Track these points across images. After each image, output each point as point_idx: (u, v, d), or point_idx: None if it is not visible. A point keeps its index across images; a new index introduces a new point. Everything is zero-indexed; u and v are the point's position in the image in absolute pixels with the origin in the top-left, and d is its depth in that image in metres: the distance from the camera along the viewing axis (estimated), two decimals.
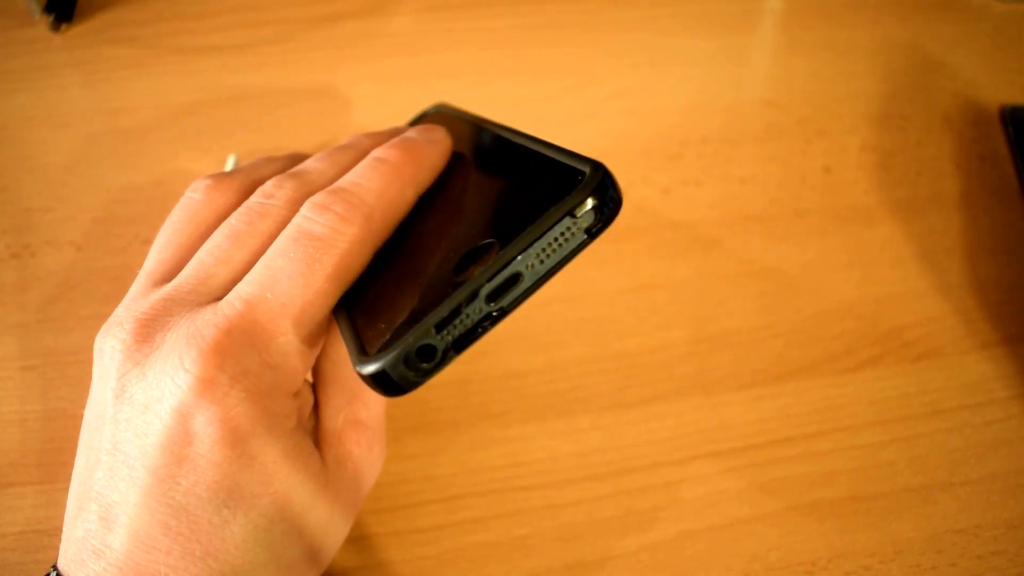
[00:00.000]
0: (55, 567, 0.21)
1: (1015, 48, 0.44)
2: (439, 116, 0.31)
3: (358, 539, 0.27)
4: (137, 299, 0.23)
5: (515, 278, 0.19)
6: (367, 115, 0.40)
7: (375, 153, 0.24)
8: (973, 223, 0.37)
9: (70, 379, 0.30)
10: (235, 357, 0.20)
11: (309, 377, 0.25)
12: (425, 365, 0.19)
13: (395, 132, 0.27)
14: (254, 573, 0.21)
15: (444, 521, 0.28)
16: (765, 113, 0.41)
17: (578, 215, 0.19)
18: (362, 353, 0.19)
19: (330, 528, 0.23)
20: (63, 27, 0.43)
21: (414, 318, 0.19)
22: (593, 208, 0.19)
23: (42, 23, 0.43)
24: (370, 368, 0.19)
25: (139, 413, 0.20)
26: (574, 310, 0.33)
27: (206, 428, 0.20)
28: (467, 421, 0.30)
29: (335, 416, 0.24)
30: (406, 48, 0.43)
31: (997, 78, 0.42)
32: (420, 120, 0.33)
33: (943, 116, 0.41)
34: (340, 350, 0.24)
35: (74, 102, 0.40)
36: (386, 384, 0.19)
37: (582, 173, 0.19)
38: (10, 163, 0.37)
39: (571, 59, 0.43)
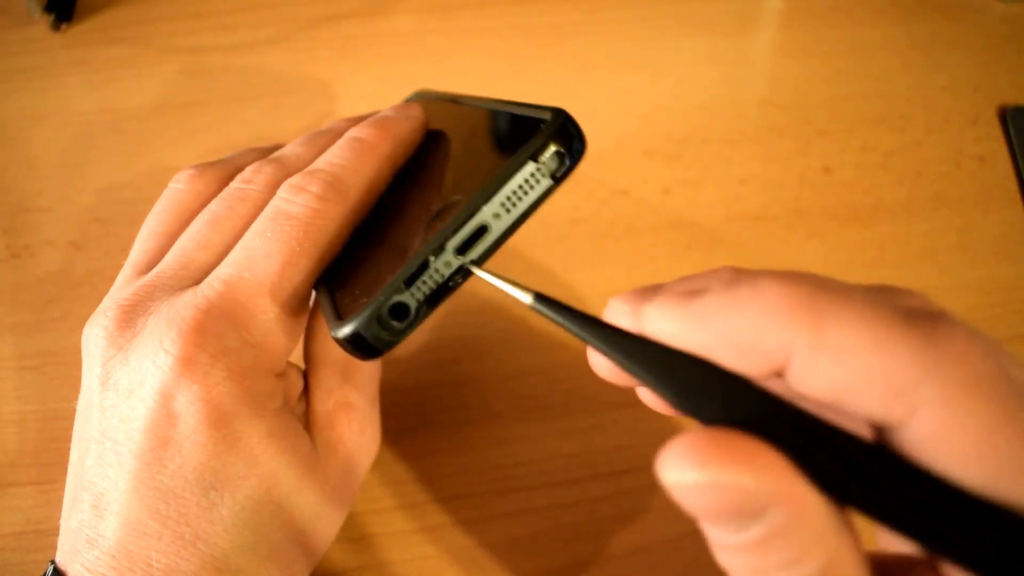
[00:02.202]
0: (53, 562, 0.21)
1: (1015, 48, 0.44)
2: (418, 101, 0.31)
3: (358, 539, 0.27)
4: (121, 288, 0.23)
5: (482, 229, 0.19)
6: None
7: (351, 132, 0.25)
8: (973, 223, 0.37)
9: (69, 379, 0.30)
10: (215, 336, 0.20)
11: (301, 363, 0.25)
12: (398, 324, 0.19)
13: (373, 115, 0.28)
14: (243, 557, 0.20)
15: (444, 521, 0.28)
16: (765, 113, 0.41)
17: (541, 160, 0.19)
18: (337, 319, 0.19)
19: (321, 513, 0.23)
20: (63, 27, 0.43)
21: (386, 279, 0.19)
22: (556, 152, 0.19)
23: (42, 23, 0.43)
24: (344, 331, 0.19)
25: (124, 398, 0.20)
26: None
27: (188, 408, 0.20)
28: (467, 421, 0.30)
29: (326, 399, 0.24)
30: (406, 48, 0.43)
31: (997, 78, 0.42)
32: None
33: (943, 116, 0.41)
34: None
35: (74, 102, 0.40)
36: (361, 346, 0.19)
37: (543, 120, 0.19)
38: (10, 163, 0.37)
39: (570, 59, 0.43)
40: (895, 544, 0.15)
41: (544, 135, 0.19)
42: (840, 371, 0.13)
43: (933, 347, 0.13)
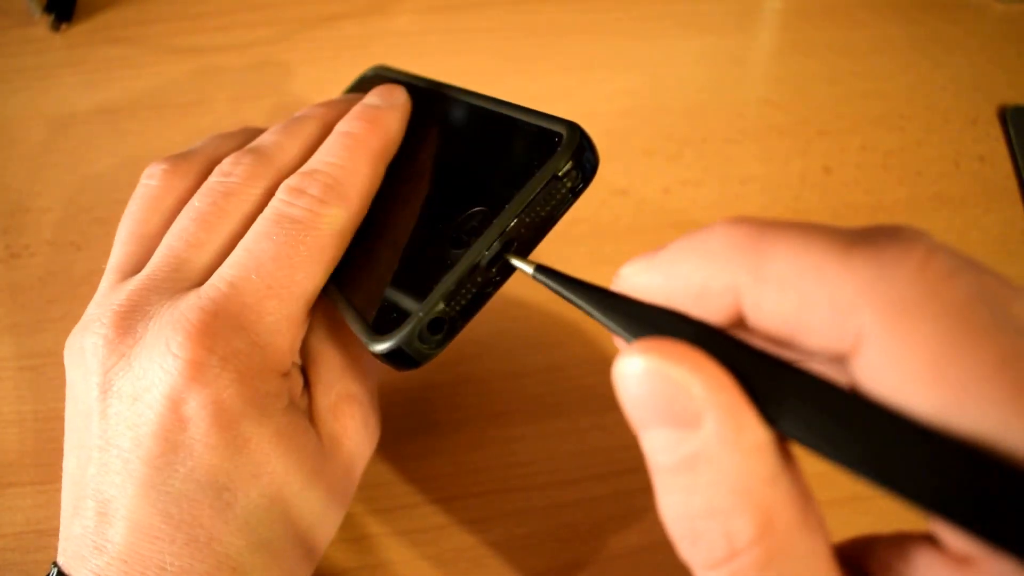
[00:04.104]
0: (56, 564, 0.21)
1: (1015, 48, 0.44)
2: (379, 79, 0.30)
3: (358, 539, 0.27)
4: (108, 294, 0.22)
5: (511, 243, 0.20)
6: None
7: (341, 127, 0.24)
8: (973, 223, 0.37)
9: None
10: (224, 338, 0.20)
11: (297, 359, 0.25)
12: (437, 337, 0.20)
13: (349, 100, 0.27)
14: (256, 554, 0.21)
15: (444, 521, 0.28)
16: (765, 113, 0.41)
17: (562, 176, 0.20)
18: (374, 332, 0.20)
19: (326, 511, 0.23)
20: (63, 27, 0.43)
21: (419, 292, 0.20)
22: (575, 168, 0.20)
23: (42, 23, 0.43)
24: (385, 346, 0.19)
25: (129, 405, 0.20)
26: (574, 310, 0.33)
27: (199, 412, 0.20)
28: (467, 421, 0.30)
29: (327, 393, 0.24)
30: (406, 48, 0.43)
31: (997, 78, 0.42)
32: (359, 84, 0.31)
33: (943, 116, 0.41)
34: (327, 327, 0.24)
35: (74, 102, 0.40)
36: (402, 359, 0.20)
37: (559, 135, 0.20)
38: (9, 163, 0.37)
39: (571, 59, 0.43)
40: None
41: (565, 153, 0.20)
42: (784, 304, 0.13)
43: (876, 267, 0.12)
